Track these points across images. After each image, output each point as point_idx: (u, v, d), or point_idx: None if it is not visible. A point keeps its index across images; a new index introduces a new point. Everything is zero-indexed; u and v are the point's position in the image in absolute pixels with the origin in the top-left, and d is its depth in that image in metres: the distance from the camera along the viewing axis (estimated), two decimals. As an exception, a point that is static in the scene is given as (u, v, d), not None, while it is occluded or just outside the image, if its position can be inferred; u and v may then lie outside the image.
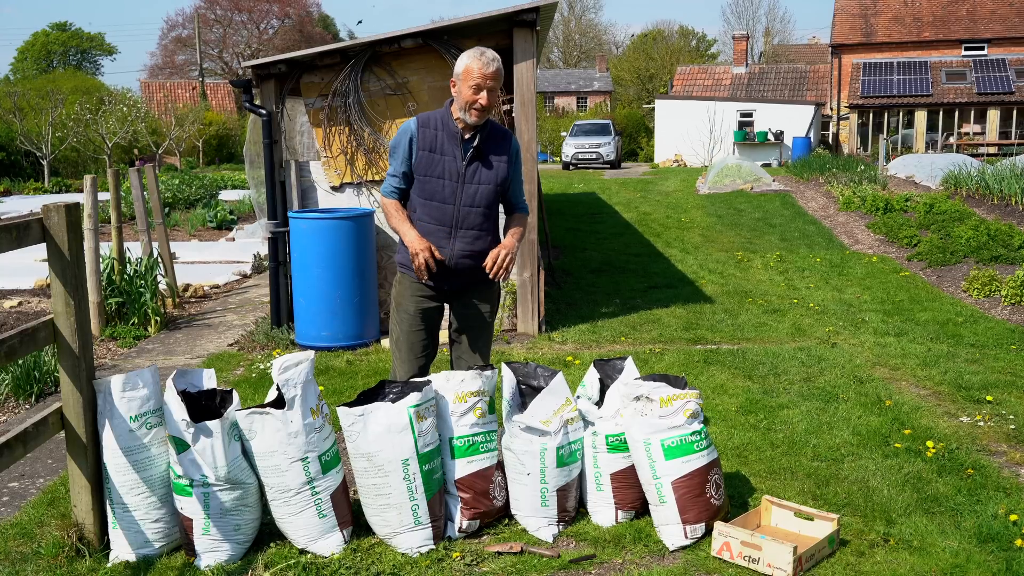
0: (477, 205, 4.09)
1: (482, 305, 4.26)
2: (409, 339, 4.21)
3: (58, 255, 3.51)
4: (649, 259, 11.66)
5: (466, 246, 4.09)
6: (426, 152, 4.05)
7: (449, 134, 4.06)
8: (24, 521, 4.00)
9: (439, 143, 4.05)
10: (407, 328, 4.21)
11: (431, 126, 4.07)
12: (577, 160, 31.93)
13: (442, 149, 4.05)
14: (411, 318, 4.20)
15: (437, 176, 4.05)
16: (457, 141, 4.06)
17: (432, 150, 4.05)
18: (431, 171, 4.05)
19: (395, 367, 4.27)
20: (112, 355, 7.22)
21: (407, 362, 4.21)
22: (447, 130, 4.06)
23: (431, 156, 4.05)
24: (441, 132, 4.06)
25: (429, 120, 4.10)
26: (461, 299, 4.24)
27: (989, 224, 11.65)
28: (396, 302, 4.26)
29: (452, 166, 4.05)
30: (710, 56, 58.15)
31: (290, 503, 3.67)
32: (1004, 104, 32.32)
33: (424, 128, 4.07)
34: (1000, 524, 3.82)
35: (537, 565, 3.57)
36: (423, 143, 4.05)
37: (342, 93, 7.42)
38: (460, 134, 4.05)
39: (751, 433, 5.02)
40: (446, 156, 4.05)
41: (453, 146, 4.06)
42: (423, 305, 4.20)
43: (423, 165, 4.05)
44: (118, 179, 8.55)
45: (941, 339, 7.24)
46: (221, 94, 49.22)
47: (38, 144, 29.16)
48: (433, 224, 4.07)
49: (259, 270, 11.15)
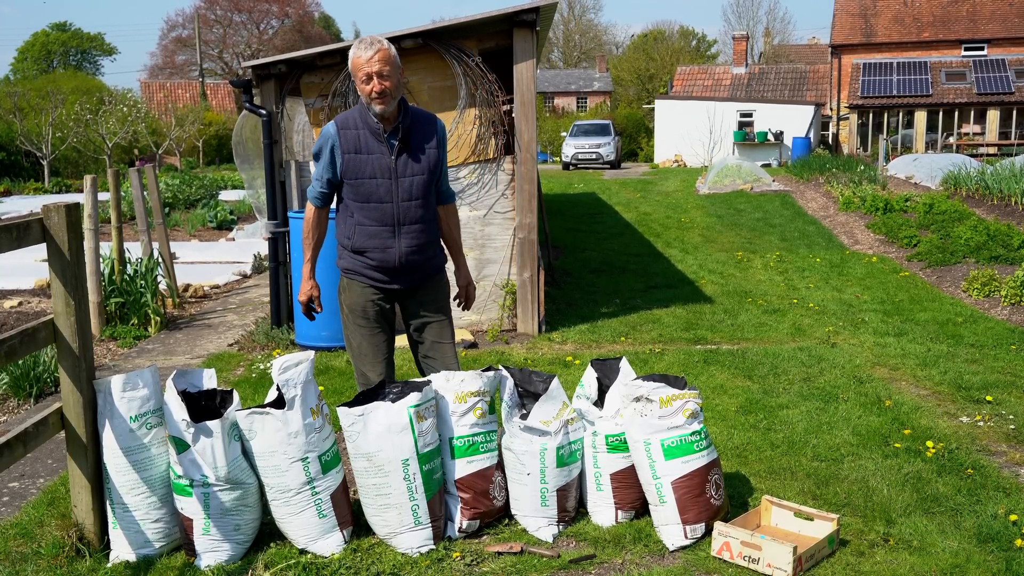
0: (415, 198, 3.97)
1: (436, 296, 4.19)
2: (372, 341, 4.10)
3: (58, 255, 3.51)
4: (649, 259, 11.66)
5: (412, 241, 3.99)
6: (352, 154, 3.91)
7: (371, 131, 3.91)
8: (24, 521, 4.00)
9: (363, 142, 3.91)
10: (367, 332, 4.10)
11: (351, 126, 3.93)
12: (577, 160, 31.94)
13: (368, 148, 3.91)
14: (369, 322, 4.09)
15: (369, 176, 3.92)
16: (380, 137, 3.91)
17: (358, 151, 3.91)
18: (361, 172, 3.92)
19: (364, 371, 4.12)
20: (112, 355, 7.22)
21: (377, 363, 4.10)
22: (368, 127, 3.91)
23: (357, 157, 3.91)
24: (363, 131, 3.91)
25: (348, 121, 3.94)
26: (414, 296, 4.14)
27: (989, 224, 11.65)
28: (351, 309, 4.11)
29: (381, 163, 3.92)
30: (710, 56, 58.16)
31: (290, 503, 3.67)
32: (1004, 104, 32.32)
33: (344, 130, 3.92)
34: (1000, 524, 3.82)
35: (537, 565, 3.57)
36: (346, 146, 3.91)
37: (342, 93, 7.42)
38: (381, 129, 3.90)
39: (751, 433, 5.02)
40: (373, 154, 3.91)
41: (378, 143, 3.91)
42: (379, 307, 4.09)
43: (351, 168, 3.92)
44: (118, 179, 8.55)
45: (941, 339, 7.24)
46: (221, 94, 49.26)
47: (38, 144, 29.17)
48: (375, 226, 3.95)
49: (259, 270, 11.16)
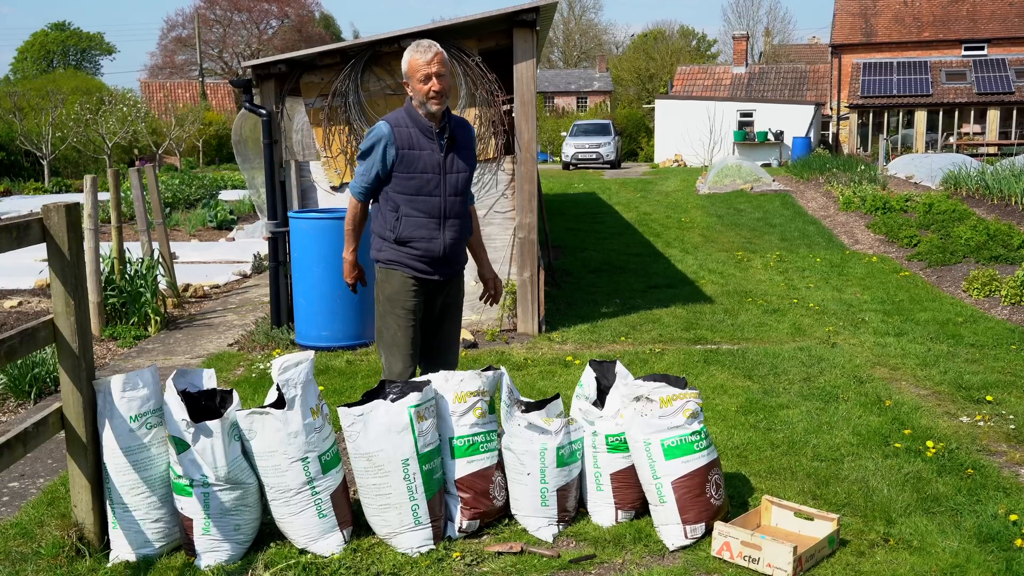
0: (459, 193, 4.22)
1: (458, 293, 4.41)
2: (408, 333, 4.23)
3: (58, 255, 3.51)
4: (649, 259, 11.66)
5: (455, 234, 4.22)
6: (406, 150, 4.11)
7: (422, 129, 4.12)
8: (24, 521, 4.00)
9: (415, 139, 4.11)
10: (405, 324, 4.22)
11: (403, 124, 4.13)
12: (577, 160, 31.94)
13: (419, 145, 4.12)
14: (408, 313, 4.22)
15: (420, 171, 4.12)
16: (431, 135, 4.13)
17: (411, 147, 4.11)
18: (413, 168, 4.11)
19: (390, 366, 4.24)
20: (112, 355, 7.22)
21: (404, 359, 4.22)
22: (419, 126, 4.13)
23: (411, 153, 4.11)
24: (413, 129, 4.12)
25: (399, 119, 4.15)
26: (444, 288, 4.31)
27: (989, 224, 11.65)
28: (390, 300, 4.24)
29: (432, 159, 4.13)
30: (710, 56, 58.13)
31: (290, 503, 3.67)
32: (1004, 104, 32.32)
33: (397, 128, 4.12)
34: (1000, 524, 3.82)
35: (537, 565, 3.57)
36: (400, 142, 4.10)
37: (342, 93, 7.42)
38: (432, 128, 4.13)
39: (751, 433, 5.02)
40: (424, 151, 4.12)
41: (428, 140, 4.13)
42: (417, 299, 4.23)
43: (405, 163, 4.11)
44: (118, 179, 8.55)
45: (941, 339, 7.24)
46: (221, 94, 49.24)
47: (38, 144, 29.17)
48: (423, 217, 4.15)
49: (259, 270, 11.15)
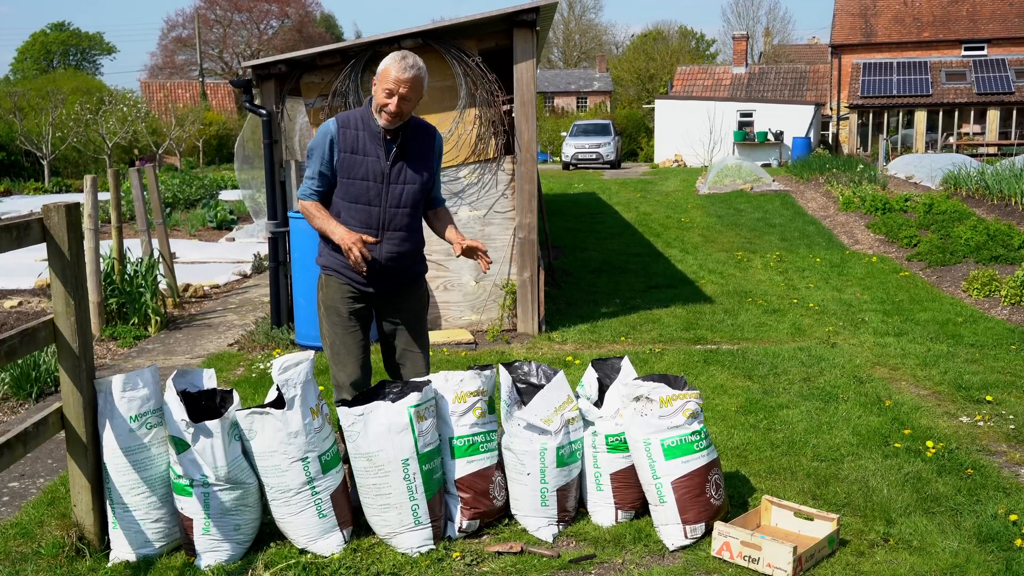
0: (403, 206, 3.95)
1: (413, 304, 4.16)
2: (345, 340, 4.05)
3: (58, 255, 3.51)
4: (649, 259, 11.66)
5: (394, 248, 3.96)
6: (348, 154, 3.89)
7: (371, 134, 3.89)
8: (24, 521, 4.00)
9: (361, 144, 3.89)
10: (342, 330, 4.05)
11: (351, 126, 3.91)
12: (577, 160, 31.93)
13: (364, 150, 3.89)
14: (345, 320, 4.04)
15: (360, 178, 3.89)
16: (379, 141, 3.89)
17: (354, 151, 3.89)
18: (354, 173, 3.89)
19: (335, 373, 4.09)
20: (112, 355, 7.22)
21: (348, 364, 4.06)
22: (368, 130, 3.90)
23: (353, 157, 3.89)
24: (362, 132, 3.90)
25: (349, 120, 3.93)
26: (390, 302, 4.10)
27: (989, 224, 11.65)
28: (326, 306, 4.07)
29: (376, 167, 3.89)
30: (710, 56, 58.14)
31: (290, 503, 3.67)
32: (1004, 104, 32.32)
33: (344, 128, 3.90)
34: (1000, 524, 3.82)
35: (537, 565, 3.57)
36: (344, 144, 3.89)
37: (342, 93, 7.42)
38: (382, 133, 3.89)
39: (751, 433, 5.02)
40: (369, 157, 3.89)
41: (376, 146, 3.89)
42: (354, 307, 4.05)
43: (345, 167, 3.89)
44: (118, 179, 8.55)
45: (941, 339, 7.24)
46: (221, 94, 49.24)
47: (38, 144, 29.18)
48: (359, 227, 3.91)
49: (259, 270, 11.16)
